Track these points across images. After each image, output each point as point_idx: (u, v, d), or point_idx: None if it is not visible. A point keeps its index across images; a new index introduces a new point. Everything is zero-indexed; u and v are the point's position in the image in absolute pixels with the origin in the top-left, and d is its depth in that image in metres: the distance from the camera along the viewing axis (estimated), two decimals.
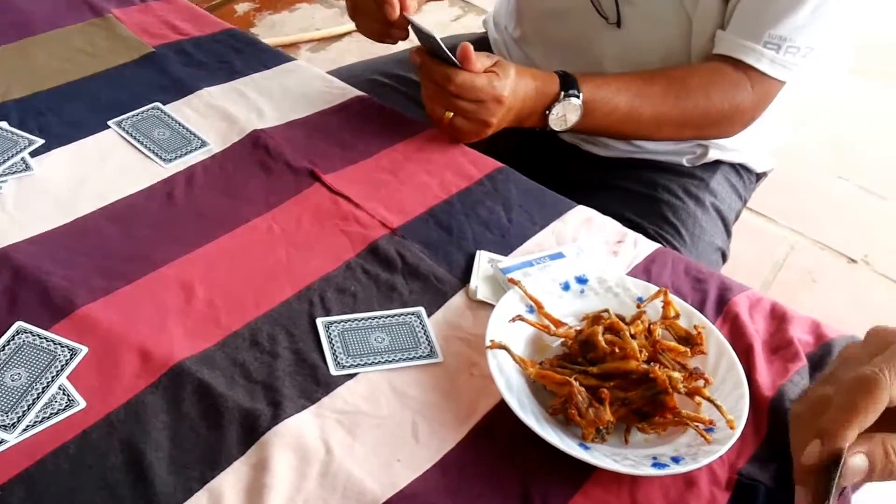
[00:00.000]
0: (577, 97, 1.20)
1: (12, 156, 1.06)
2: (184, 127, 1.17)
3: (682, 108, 1.25)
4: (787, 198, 2.75)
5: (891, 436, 0.70)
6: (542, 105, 1.21)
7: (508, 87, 1.16)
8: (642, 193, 1.42)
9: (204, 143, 1.15)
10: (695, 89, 1.25)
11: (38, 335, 0.85)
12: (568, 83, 1.20)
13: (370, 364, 0.90)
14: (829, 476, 0.69)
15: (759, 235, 2.66)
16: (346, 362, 0.89)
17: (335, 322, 0.93)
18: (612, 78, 1.24)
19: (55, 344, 0.84)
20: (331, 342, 0.91)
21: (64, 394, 0.81)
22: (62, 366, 0.83)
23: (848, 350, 0.77)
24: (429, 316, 0.96)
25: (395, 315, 0.95)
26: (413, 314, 0.96)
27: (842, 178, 2.97)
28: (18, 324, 0.85)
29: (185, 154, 1.12)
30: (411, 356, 0.91)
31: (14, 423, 0.78)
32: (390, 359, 0.91)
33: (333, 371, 0.88)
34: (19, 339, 0.84)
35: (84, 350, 0.84)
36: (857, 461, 0.69)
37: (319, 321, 0.93)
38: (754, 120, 1.32)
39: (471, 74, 1.14)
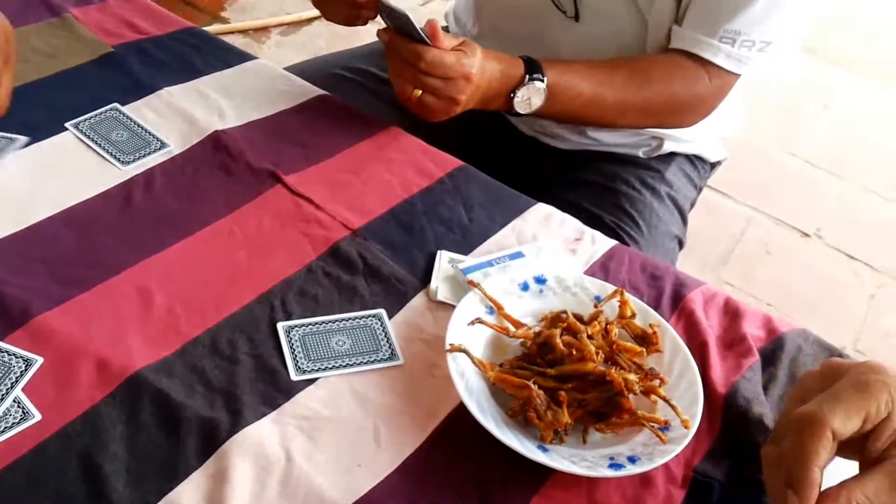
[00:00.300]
0: (542, 81, 1.20)
1: None
2: (142, 128, 1.16)
3: (644, 96, 1.26)
4: (742, 174, 2.84)
5: (853, 485, 0.70)
6: (508, 87, 1.21)
7: (476, 66, 1.16)
8: (600, 185, 1.43)
9: (163, 145, 1.14)
10: (657, 79, 1.27)
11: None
12: (532, 67, 1.21)
13: (331, 368, 0.90)
14: None
15: (717, 211, 2.75)
16: (307, 367, 0.89)
17: (296, 326, 0.94)
18: (576, 64, 1.25)
19: (9, 355, 0.84)
20: (291, 347, 0.91)
21: (19, 406, 0.80)
22: (17, 377, 0.82)
23: (804, 380, 0.78)
24: (390, 318, 0.97)
25: (356, 318, 0.96)
26: (374, 317, 0.96)
27: (792, 155, 3.08)
28: None
29: (144, 156, 1.11)
30: (372, 359, 0.91)
31: None
32: (351, 362, 0.91)
33: (294, 376, 0.88)
34: None
35: (39, 361, 0.84)
36: None
37: (280, 325, 0.93)
38: (713, 110, 1.34)
39: (440, 51, 1.13)
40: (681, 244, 1.46)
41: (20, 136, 1.09)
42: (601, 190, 1.42)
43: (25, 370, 0.83)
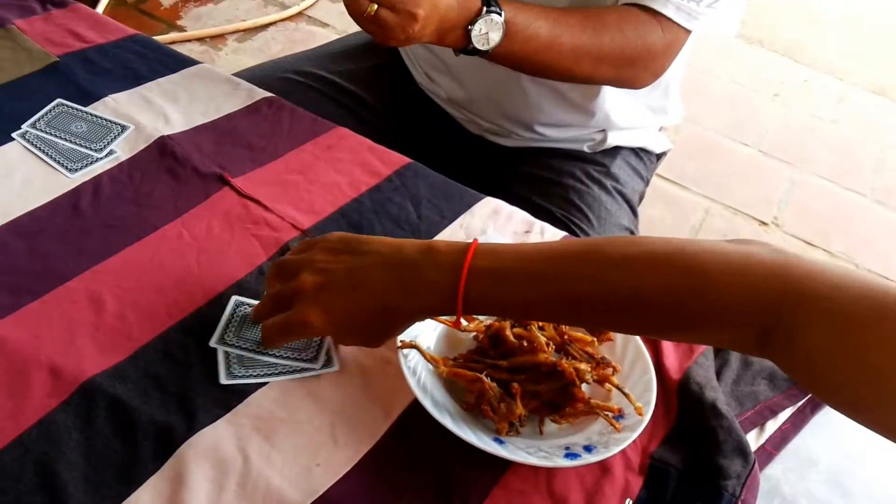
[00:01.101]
0: (499, 14, 1.16)
1: None
2: (97, 116, 1.17)
3: (599, 42, 1.23)
4: (697, 165, 2.91)
5: None
6: (465, 19, 1.15)
7: None
8: (548, 179, 1.45)
9: (125, 128, 1.17)
10: (610, 24, 1.24)
11: None
12: (489, 1, 1.16)
13: (265, 376, 0.89)
14: None
15: (675, 203, 2.78)
16: (240, 373, 0.89)
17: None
18: (530, 5, 1.21)
19: None
20: (227, 355, 0.91)
21: None
22: None
23: None
24: None
25: None
26: None
27: (745, 144, 3.12)
28: None
29: (92, 163, 1.11)
30: (307, 368, 0.91)
31: None
32: (285, 371, 0.90)
33: (223, 380, 0.88)
34: None
35: None
36: None
37: (215, 343, 0.92)
38: (664, 69, 1.32)
39: None
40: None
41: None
42: (549, 184, 1.44)
43: None
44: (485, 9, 1.14)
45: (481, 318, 0.96)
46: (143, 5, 3.25)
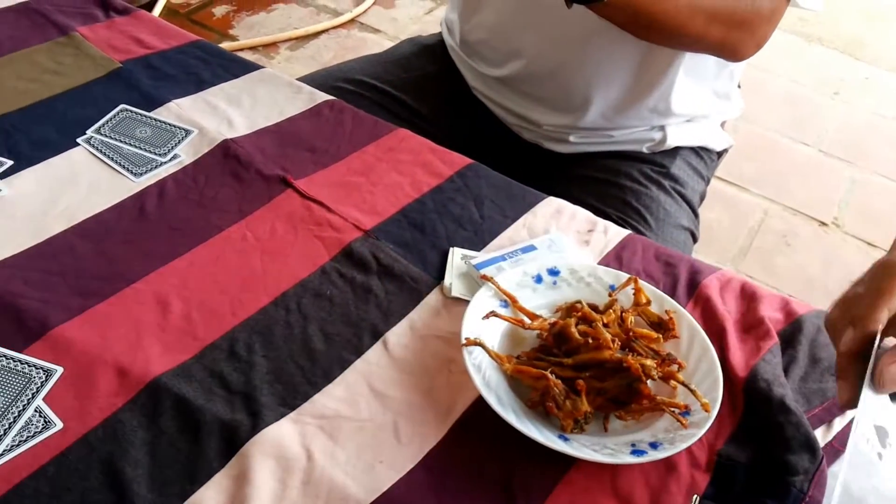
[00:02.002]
0: None
1: None
2: (162, 121, 1.19)
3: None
4: (756, 166, 2.86)
5: None
6: None
7: None
8: (604, 181, 1.42)
9: (189, 132, 1.18)
10: None
11: (12, 358, 0.85)
12: None
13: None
14: (866, 363, 0.70)
15: (734, 204, 2.74)
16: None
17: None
18: None
19: (29, 366, 0.84)
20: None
21: (40, 416, 0.81)
22: (38, 388, 0.83)
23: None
24: (404, 316, 0.97)
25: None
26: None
27: (805, 144, 3.07)
28: None
29: (156, 167, 1.12)
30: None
31: None
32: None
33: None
34: None
35: (59, 370, 0.84)
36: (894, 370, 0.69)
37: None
38: (766, 39, 1.28)
39: None
40: (694, 237, 1.45)
41: (6, 160, 1.10)
42: (605, 186, 1.41)
43: (46, 380, 0.83)
44: None
45: (545, 315, 0.96)
46: (195, 15, 3.29)
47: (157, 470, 0.78)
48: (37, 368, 0.84)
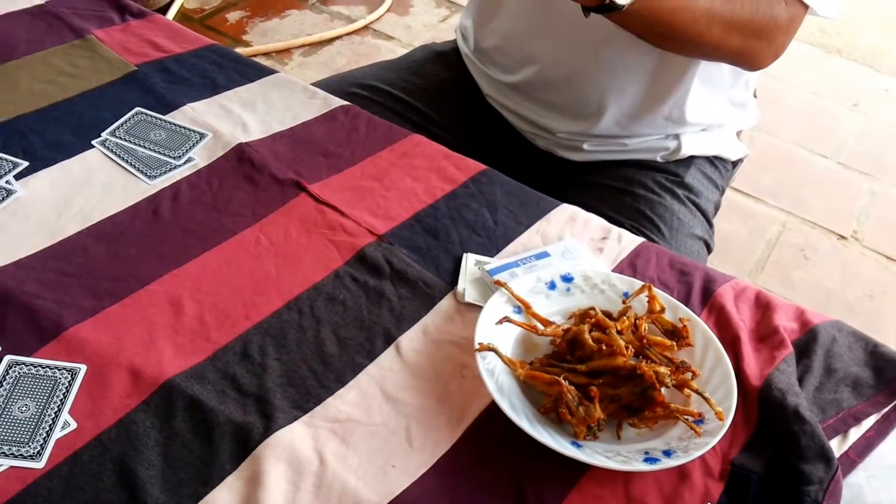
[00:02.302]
0: None
1: None
2: (176, 124, 1.20)
3: (730, 7, 1.19)
4: (773, 178, 2.83)
5: None
6: None
7: None
8: (617, 189, 1.42)
9: (203, 135, 1.18)
10: None
11: (32, 364, 0.85)
12: None
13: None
14: None
15: (751, 216, 2.71)
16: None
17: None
18: None
19: (52, 369, 0.84)
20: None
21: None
22: (66, 388, 0.83)
23: None
24: (417, 321, 0.97)
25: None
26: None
27: (823, 156, 3.05)
28: (9, 358, 0.85)
29: (171, 170, 1.12)
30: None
31: (38, 452, 0.78)
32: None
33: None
34: (14, 371, 0.84)
35: (83, 368, 0.85)
36: None
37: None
38: (784, 48, 1.28)
39: None
40: (708, 247, 1.44)
41: (22, 161, 1.11)
42: (618, 194, 1.41)
43: (73, 379, 0.84)
44: None
45: (558, 322, 0.96)
46: (208, 21, 3.30)
47: (169, 471, 0.78)
48: (60, 370, 0.84)
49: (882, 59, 3.70)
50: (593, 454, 0.82)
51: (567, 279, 1.01)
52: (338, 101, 1.31)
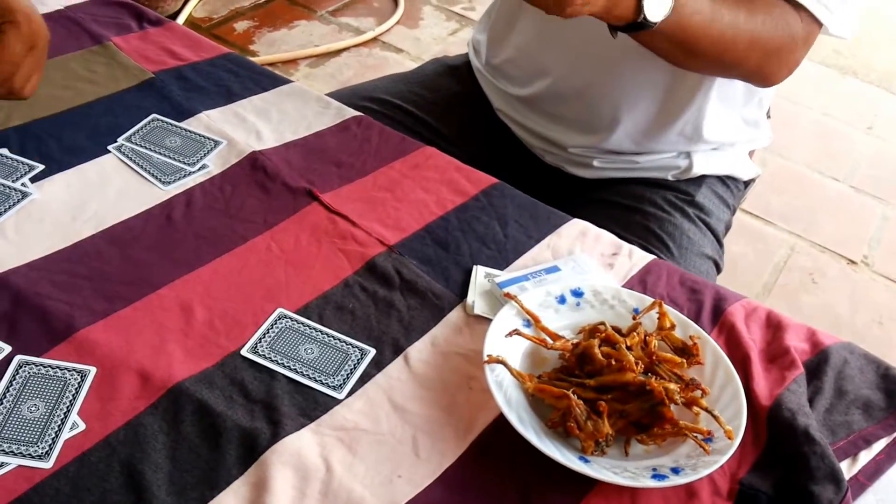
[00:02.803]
0: None
1: (14, 181, 1.07)
2: (191, 132, 1.21)
3: (754, 23, 1.18)
4: (784, 200, 2.81)
5: None
6: None
7: None
8: (626, 207, 1.41)
9: (218, 143, 1.19)
10: (759, 7, 1.19)
11: (42, 364, 0.85)
12: None
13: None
14: None
15: (759, 238, 2.70)
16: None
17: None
18: None
19: (62, 370, 0.84)
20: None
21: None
22: (76, 389, 0.83)
23: None
24: (426, 332, 0.97)
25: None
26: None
27: (835, 179, 3.02)
28: (19, 357, 0.85)
29: (185, 176, 1.13)
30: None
31: (47, 452, 0.78)
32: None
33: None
34: (24, 371, 0.84)
35: (92, 370, 0.85)
36: None
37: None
38: (798, 64, 1.27)
39: None
40: (718, 267, 1.44)
41: (38, 164, 1.11)
42: (628, 212, 1.40)
43: (82, 381, 0.84)
44: None
45: (567, 336, 0.96)
46: (216, 30, 3.30)
47: (176, 474, 0.78)
48: (70, 371, 0.85)
49: None
50: (601, 469, 0.82)
51: (577, 294, 1.01)
52: (351, 112, 1.31)
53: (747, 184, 1.57)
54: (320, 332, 0.95)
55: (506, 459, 0.85)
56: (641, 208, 1.40)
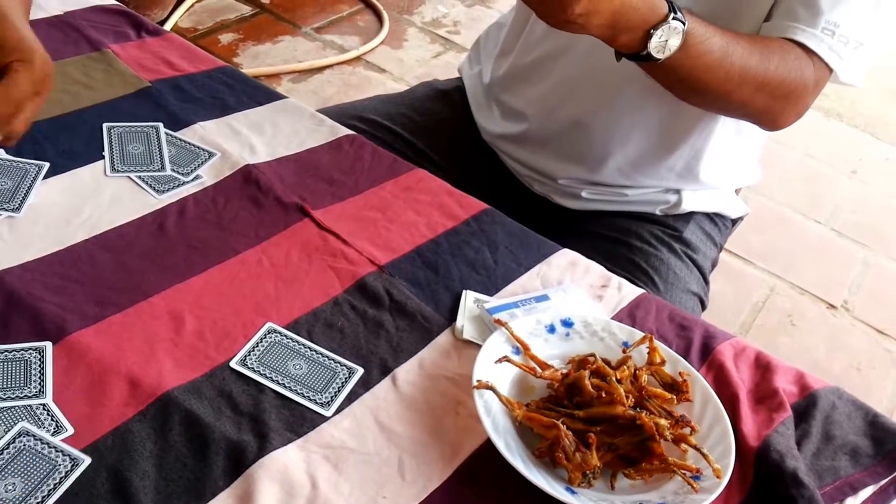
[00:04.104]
0: (683, 23, 1.07)
1: (30, 183, 1.08)
2: (186, 142, 1.21)
3: (765, 67, 1.18)
4: (764, 240, 2.81)
5: None
6: (647, 22, 1.05)
7: None
8: (612, 239, 1.42)
9: (212, 154, 1.19)
10: (774, 51, 1.19)
11: (41, 440, 0.80)
12: (672, 6, 1.07)
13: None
14: None
15: (739, 278, 2.70)
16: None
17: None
18: (706, 22, 1.14)
19: (56, 451, 0.79)
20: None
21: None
22: (61, 478, 0.78)
23: None
24: (414, 354, 0.97)
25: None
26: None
27: (817, 222, 3.04)
28: (21, 425, 0.81)
29: (178, 186, 1.13)
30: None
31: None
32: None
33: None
34: (20, 442, 0.80)
35: (87, 460, 0.78)
36: None
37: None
38: (806, 110, 1.28)
39: None
40: (703, 304, 1.44)
41: (44, 163, 1.11)
42: (614, 244, 1.41)
43: (71, 470, 0.78)
44: (671, 15, 1.06)
45: (557, 366, 0.96)
46: (201, 41, 3.27)
47: (163, 483, 0.78)
48: (63, 455, 0.79)
49: (884, 127, 3.68)
50: (587, 501, 0.82)
51: (567, 324, 1.01)
52: (344, 130, 1.31)
53: (735, 221, 1.58)
54: (309, 348, 0.95)
55: (491, 486, 0.85)
56: (627, 241, 1.41)
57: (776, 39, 1.21)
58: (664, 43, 1.07)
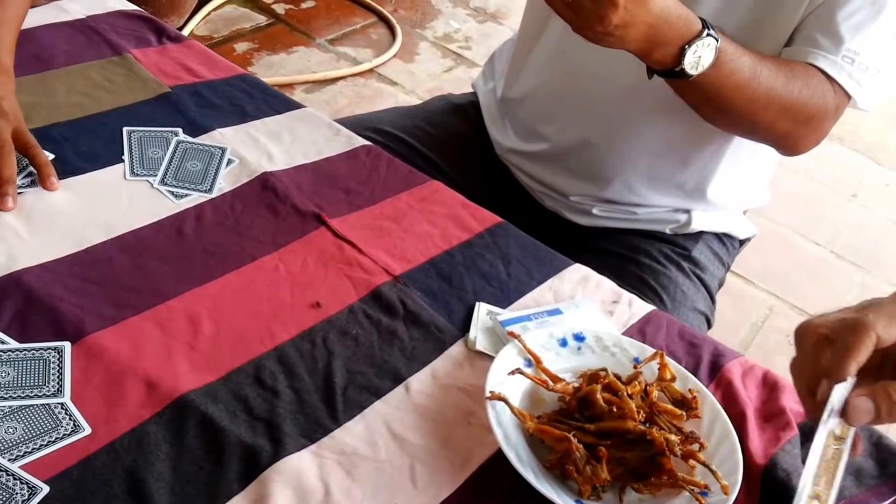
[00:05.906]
0: (716, 40, 1.09)
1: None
2: (206, 145, 1.23)
3: (790, 90, 1.19)
4: (765, 261, 2.80)
5: (893, 382, 0.78)
6: (682, 38, 1.07)
7: None
8: (622, 256, 1.43)
9: (230, 161, 1.21)
10: (798, 75, 1.20)
11: (5, 470, 0.77)
12: (706, 23, 1.09)
13: None
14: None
15: (738, 297, 2.70)
16: None
17: None
18: (735, 41, 1.15)
19: (15, 479, 0.76)
20: None
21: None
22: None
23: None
24: (427, 363, 0.98)
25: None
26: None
27: (816, 244, 3.04)
28: None
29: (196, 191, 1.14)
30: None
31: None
32: None
33: None
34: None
35: (45, 489, 0.76)
36: (861, 402, 0.79)
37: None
38: (825, 135, 1.29)
39: None
40: (709, 323, 1.45)
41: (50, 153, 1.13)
42: (623, 261, 1.42)
43: (28, 499, 0.75)
44: (705, 31, 1.08)
45: (568, 380, 0.97)
46: (216, 49, 3.22)
47: (178, 485, 0.79)
48: (21, 482, 0.76)
49: (885, 152, 3.69)
50: None
51: (579, 338, 1.02)
52: (360, 141, 1.32)
53: (742, 242, 1.59)
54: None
55: (502, 496, 0.85)
56: (636, 259, 1.42)
57: (799, 63, 1.22)
58: (697, 59, 1.09)
